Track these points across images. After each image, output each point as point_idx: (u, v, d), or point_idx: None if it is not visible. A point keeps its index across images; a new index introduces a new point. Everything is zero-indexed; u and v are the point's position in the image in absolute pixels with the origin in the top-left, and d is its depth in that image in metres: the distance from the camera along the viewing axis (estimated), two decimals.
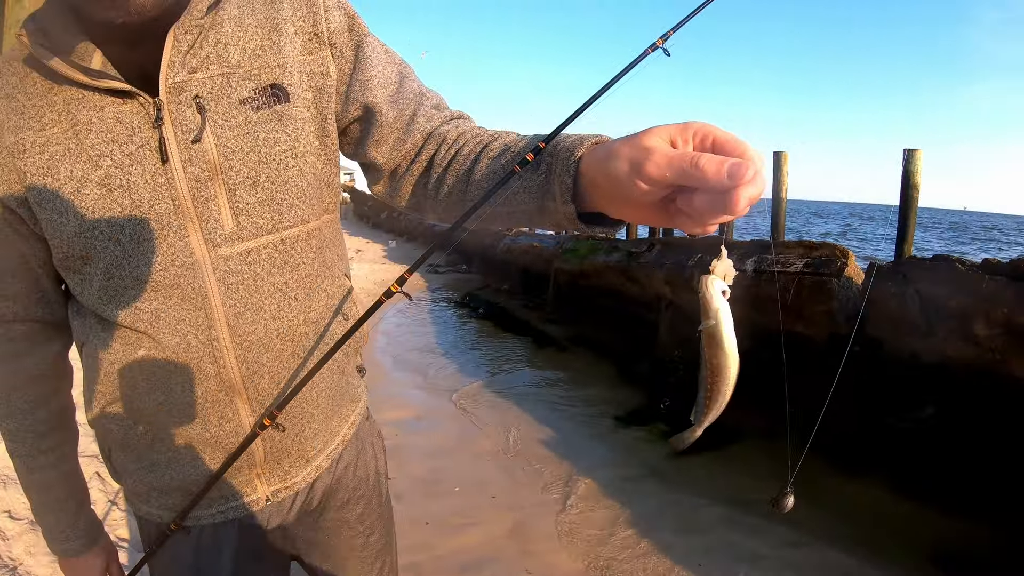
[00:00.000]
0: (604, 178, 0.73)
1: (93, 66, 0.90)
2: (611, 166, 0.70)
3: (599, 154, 0.75)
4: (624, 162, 0.67)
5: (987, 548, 3.57)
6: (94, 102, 0.91)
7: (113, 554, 1.31)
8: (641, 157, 0.64)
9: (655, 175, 0.63)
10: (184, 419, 1.04)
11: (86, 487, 1.25)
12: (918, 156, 7.72)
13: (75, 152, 0.91)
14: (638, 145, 0.65)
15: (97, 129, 0.91)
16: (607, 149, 0.72)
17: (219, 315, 0.99)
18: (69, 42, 0.91)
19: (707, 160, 0.59)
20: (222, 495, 1.12)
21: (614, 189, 0.71)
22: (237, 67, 0.96)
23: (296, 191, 1.02)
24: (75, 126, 0.91)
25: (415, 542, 3.57)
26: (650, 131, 0.66)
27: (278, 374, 1.07)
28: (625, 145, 0.68)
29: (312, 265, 1.09)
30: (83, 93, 0.91)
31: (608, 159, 0.71)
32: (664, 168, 0.62)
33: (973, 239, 41.11)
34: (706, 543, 3.68)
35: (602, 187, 0.74)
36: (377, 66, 1.06)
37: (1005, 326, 3.56)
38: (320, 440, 1.18)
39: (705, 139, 0.63)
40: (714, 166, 0.58)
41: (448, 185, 1.02)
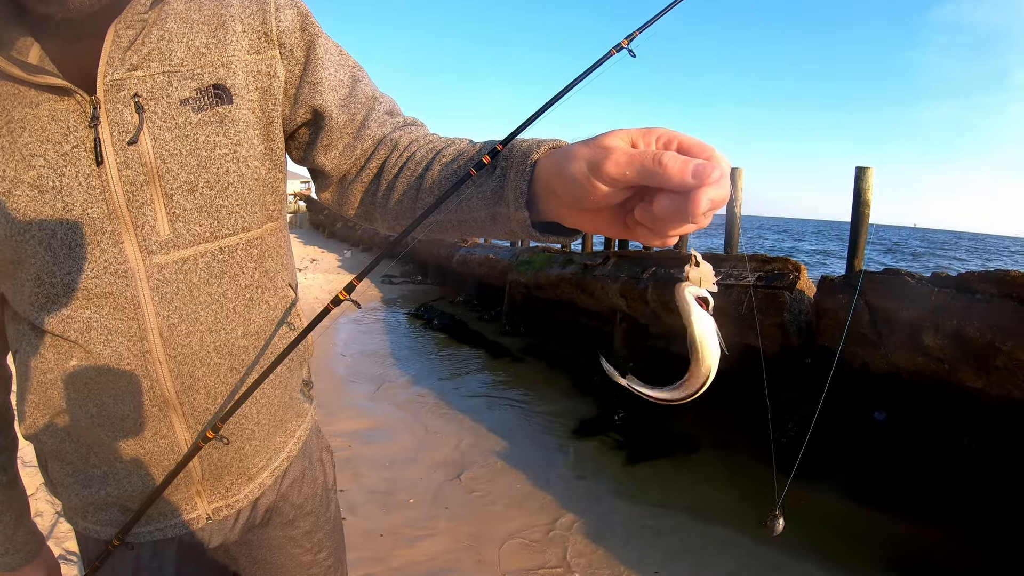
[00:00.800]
0: (560, 181, 0.70)
1: (30, 60, 0.85)
2: (568, 167, 0.67)
3: (556, 157, 0.72)
4: (582, 162, 0.64)
5: (943, 551, 3.66)
6: (30, 98, 0.85)
7: (55, 568, 1.25)
8: (600, 156, 0.62)
9: (614, 174, 0.60)
10: (117, 434, 0.99)
11: (26, 498, 1.19)
12: (869, 174, 7.90)
13: (8, 151, 0.85)
14: (597, 145, 0.63)
15: (32, 127, 0.85)
16: (564, 151, 0.70)
17: (152, 326, 0.95)
18: (7, 35, 0.85)
19: (671, 157, 0.56)
20: (161, 512, 1.07)
21: (570, 193, 0.68)
22: (180, 65, 0.91)
23: (236, 197, 0.98)
24: (9, 123, 0.85)
25: (369, 555, 3.54)
26: (611, 132, 0.64)
27: (215, 389, 1.02)
28: (584, 146, 0.66)
29: (252, 275, 1.04)
30: (19, 88, 0.85)
31: (565, 160, 0.68)
32: (624, 166, 0.59)
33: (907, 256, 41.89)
34: (663, 551, 3.70)
35: (558, 192, 0.71)
36: (329, 68, 1.03)
37: (954, 337, 3.67)
38: (262, 457, 1.14)
39: (669, 143, 0.61)
40: (678, 164, 0.56)
41: (398, 193, 0.99)
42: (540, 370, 7.53)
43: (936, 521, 3.86)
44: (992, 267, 30.11)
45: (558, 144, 0.77)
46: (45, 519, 3.15)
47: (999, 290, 3.57)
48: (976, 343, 3.56)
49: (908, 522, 3.90)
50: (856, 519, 3.98)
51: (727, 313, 5.09)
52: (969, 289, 3.71)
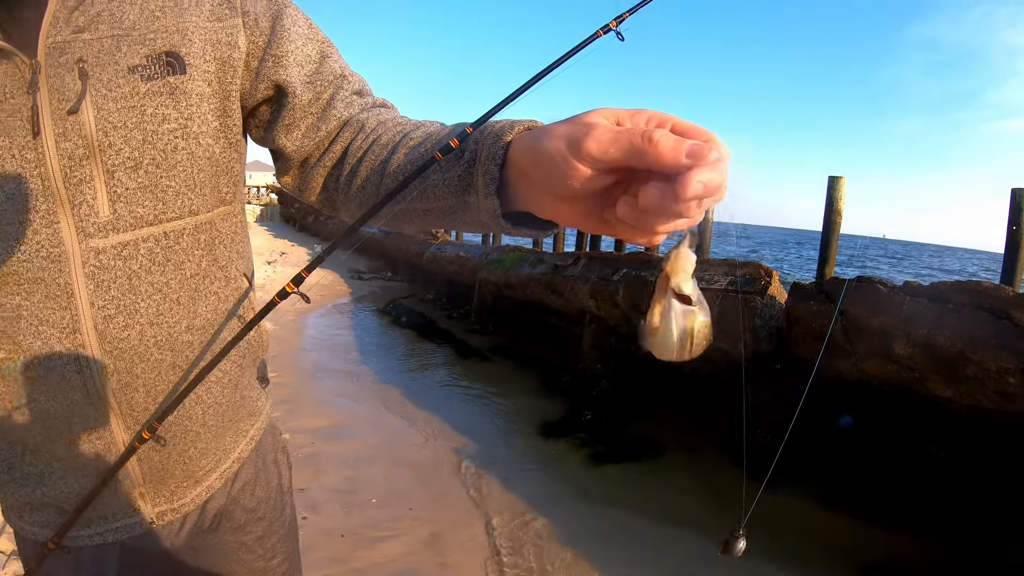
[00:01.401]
0: (534, 162, 0.63)
1: None
2: (544, 145, 0.59)
3: (530, 137, 0.65)
4: (560, 140, 0.57)
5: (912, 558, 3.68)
6: None
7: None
8: (580, 133, 0.54)
9: (595, 152, 0.53)
10: (52, 432, 0.93)
11: None
12: (842, 183, 8.00)
13: None
14: (578, 122, 0.56)
15: None
16: (540, 130, 0.63)
17: (85, 317, 0.88)
18: None
19: (663, 135, 0.49)
20: (101, 515, 1.01)
21: (546, 175, 0.60)
22: (131, 29, 0.84)
23: (185, 177, 0.91)
24: None
25: (330, 555, 3.49)
26: (596, 111, 0.56)
27: (155, 387, 0.95)
28: (562, 124, 0.58)
29: (199, 264, 0.97)
30: None
31: (541, 139, 0.61)
32: (607, 144, 0.52)
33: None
34: (630, 555, 3.69)
35: (532, 176, 0.64)
36: (296, 41, 0.96)
37: (924, 346, 3.69)
38: (210, 459, 1.08)
39: (662, 124, 0.53)
40: (671, 142, 0.49)
41: (361, 178, 0.92)
42: (508, 370, 7.52)
43: (905, 528, 3.89)
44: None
45: (534, 124, 0.70)
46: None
47: (971, 300, 3.60)
48: (946, 352, 3.57)
49: (876, 529, 3.92)
50: (825, 525, 4.00)
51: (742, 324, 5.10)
52: (941, 298, 3.74)
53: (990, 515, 3.68)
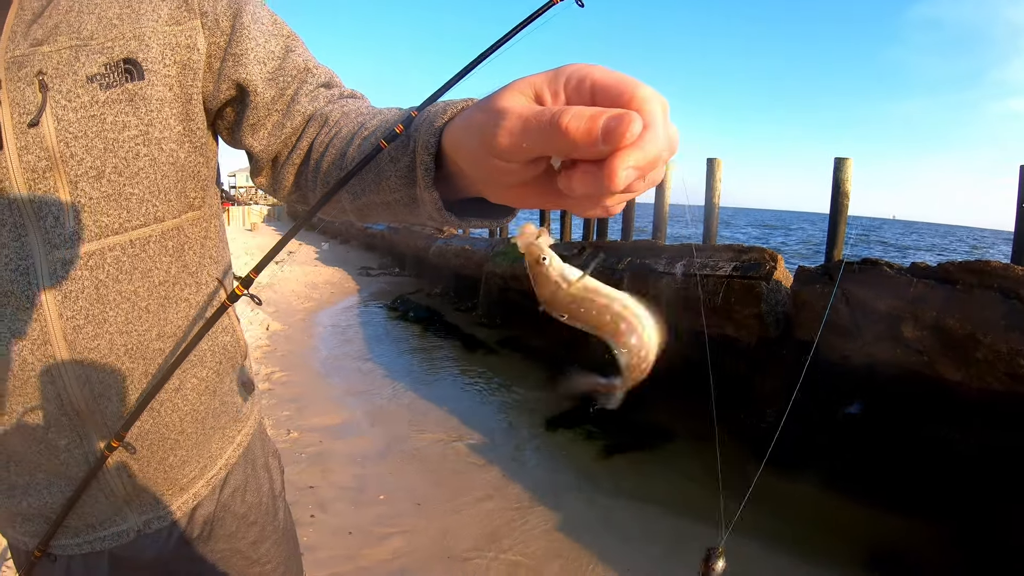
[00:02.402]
0: (463, 159, 0.58)
1: None
2: (466, 142, 0.55)
3: (457, 126, 0.60)
4: (476, 137, 0.51)
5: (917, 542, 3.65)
6: None
7: None
8: (492, 124, 0.48)
9: (508, 146, 0.47)
10: (31, 444, 0.92)
11: None
12: (848, 165, 7.94)
13: None
14: (490, 108, 0.49)
15: None
16: (463, 120, 0.58)
17: (55, 328, 0.87)
18: None
19: (572, 117, 0.42)
20: (88, 524, 1.01)
21: (473, 171, 0.56)
22: (89, 39, 0.82)
23: (148, 184, 0.89)
24: None
25: (338, 553, 3.49)
26: (510, 86, 0.49)
27: (128, 397, 0.94)
28: (478, 110, 0.53)
29: (168, 271, 0.96)
30: None
31: (464, 131, 0.57)
32: (518, 135, 0.46)
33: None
34: (636, 543, 3.67)
35: (465, 171, 0.60)
36: (256, 38, 0.92)
37: (933, 328, 3.65)
38: (193, 467, 1.07)
39: (581, 85, 0.46)
40: (583, 124, 0.41)
41: (323, 172, 0.90)
42: (515, 362, 7.51)
43: (913, 513, 3.84)
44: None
45: (467, 104, 0.64)
46: None
47: (980, 280, 3.54)
48: (956, 335, 3.53)
49: (885, 513, 3.88)
50: (830, 511, 3.97)
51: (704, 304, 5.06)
52: (949, 279, 3.69)
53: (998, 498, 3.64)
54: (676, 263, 5.40)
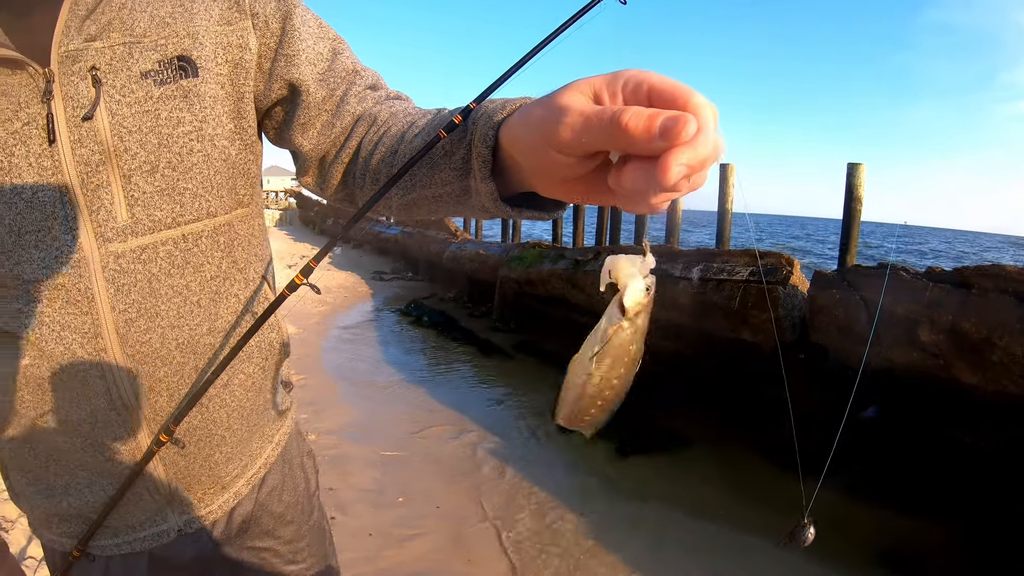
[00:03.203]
0: (518, 151, 0.63)
1: None
2: (524, 136, 0.59)
3: (514, 122, 0.64)
4: (535, 129, 0.56)
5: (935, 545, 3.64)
6: None
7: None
8: (553, 119, 0.52)
9: (569, 140, 0.51)
10: (76, 440, 0.93)
11: None
12: (861, 170, 7.93)
13: None
14: (551, 105, 0.54)
15: None
16: (522, 115, 0.62)
17: (107, 321, 0.87)
18: None
19: (633, 115, 0.46)
20: (128, 524, 1.01)
21: (531, 164, 0.61)
22: (142, 36, 0.84)
23: (201, 179, 0.91)
24: None
25: (358, 555, 3.50)
26: (569, 86, 0.54)
27: (179, 391, 0.95)
28: (537, 106, 0.57)
29: (219, 266, 0.97)
30: None
31: (522, 127, 0.61)
32: (580, 130, 0.50)
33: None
34: (655, 546, 3.68)
35: (520, 163, 0.64)
36: (307, 40, 0.95)
37: (949, 332, 3.64)
38: (236, 465, 1.07)
39: (639, 88, 0.50)
40: (642, 122, 0.45)
41: (373, 170, 0.91)
42: (531, 366, 7.49)
43: (929, 516, 3.84)
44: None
45: (525, 101, 0.67)
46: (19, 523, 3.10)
47: (995, 285, 3.55)
48: (972, 338, 3.53)
49: (901, 517, 3.88)
50: (849, 514, 3.96)
51: (718, 307, 5.07)
52: (965, 283, 3.69)
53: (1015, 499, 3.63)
54: (693, 268, 5.41)
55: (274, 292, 1.12)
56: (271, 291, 1.11)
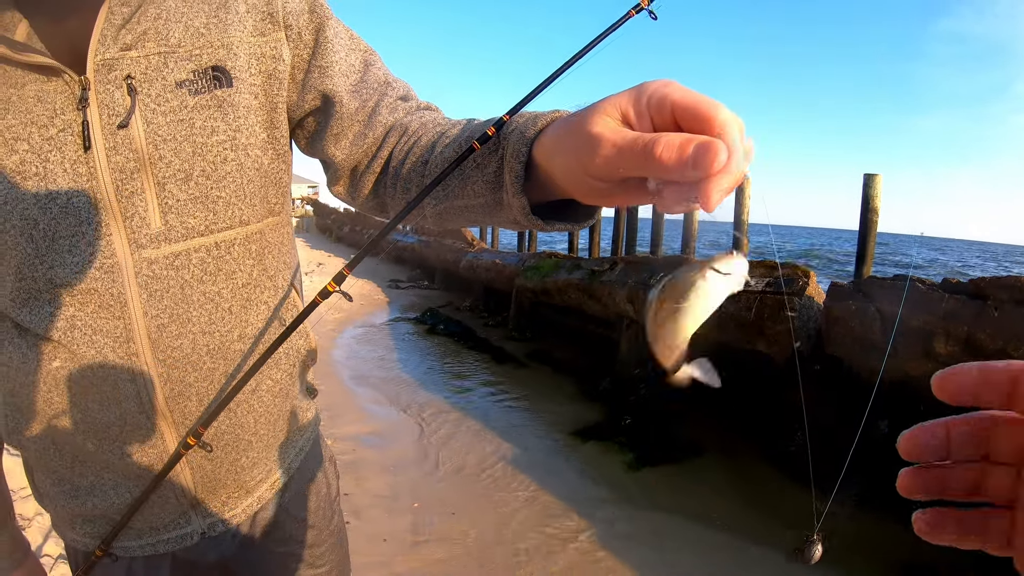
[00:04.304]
0: (555, 171, 0.64)
1: (17, 38, 0.80)
2: (559, 160, 0.61)
3: (548, 144, 0.65)
4: (571, 157, 0.58)
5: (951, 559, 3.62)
6: (15, 78, 0.80)
7: (40, 574, 1.18)
8: (587, 150, 0.54)
9: (604, 170, 0.54)
10: (103, 443, 0.94)
11: (10, 502, 1.13)
12: (877, 181, 7.90)
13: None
14: (583, 134, 0.55)
15: (16, 109, 0.80)
16: (556, 137, 0.63)
17: (139, 326, 0.89)
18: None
19: (664, 147, 0.47)
20: (152, 526, 1.02)
21: (570, 183, 0.62)
22: (177, 46, 0.86)
23: (235, 188, 0.92)
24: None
25: (372, 560, 3.52)
26: (598, 110, 0.55)
27: (208, 396, 0.96)
28: (569, 134, 0.59)
29: (250, 273, 0.98)
30: (3, 68, 0.80)
31: (557, 150, 0.62)
32: (615, 162, 0.52)
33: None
34: (667, 556, 3.67)
35: (557, 179, 0.65)
36: (339, 52, 0.97)
37: (965, 343, 3.63)
38: (261, 469, 1.09)
39: (663, 105, 0.50)
40: (674, 154, 0.47)
41: (403, 178, 0.92)
42: (546, 375, 7.49)
43: None
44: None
45: (556, 116, 0.69)
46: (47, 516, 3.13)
47: (1011, 296, 3.53)
48: (987, 350, 3.51)
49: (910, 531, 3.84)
50: (864, 528, 3.93)
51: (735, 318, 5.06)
52: (981, 295, 3.68)
53: None
54: None
55: (302, 299, 1.13)
56: (299, 298, 1.12)
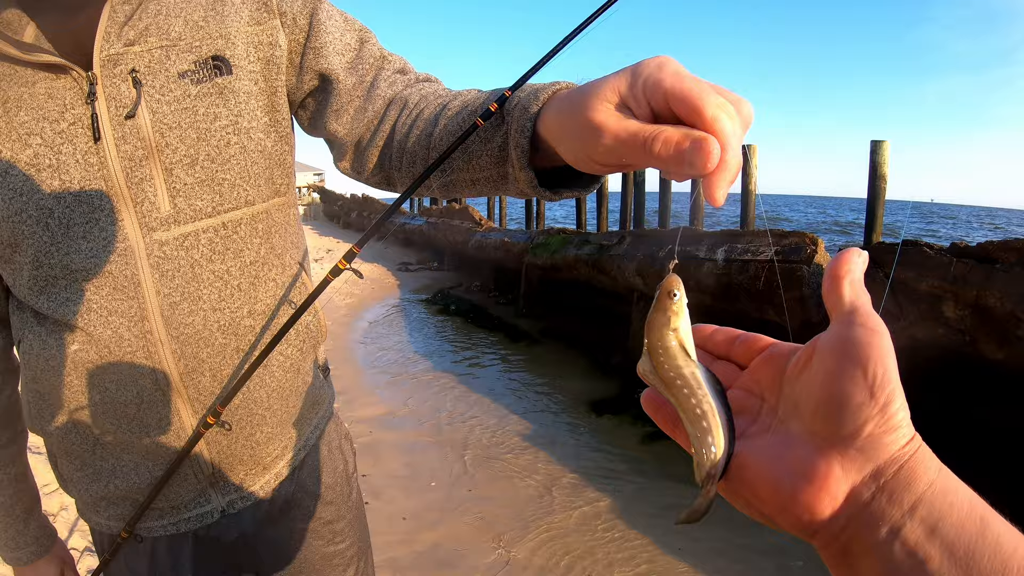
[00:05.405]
0: (559, 148, 0.65)
1: (25, 39, 0.85)
2: (566, 147, 0.62)
3: (552, 125, 0.66)
4: (576, 142, 0.59)
5: None
6: (25, 77, 0.85)
7: (68, 562, 1.23)
8: (591, 138, 0.55)
9: (605, 157, 0.56)
10: (122, 422, 0.97)
11: (36, 491, 1.18)
12: (885, 147, 7.84)
13: (4, 131, 0.85)
14: (585, 121, 0.56)
15: (28, 106, 0.85)
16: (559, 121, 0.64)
17: (152, 305, 0.93)
18: (1, 14, 0.86)
19: (663, 144, 0.48)
20: (172, 506, 1.05)
21: (578, 164, 0.62)
22: (178, 39, 0.90)
23: (239, 170, 0.96)
24: (4, 103, 0.85)
25: (393, 539, 3.56)
26: (598, 93, 0.55)
27: (221, 371, 1.00)
28: (572, 119, 0.59)
29: (258, 252, 1.02)
30: (14, 68, 0.85)
31: (561, 138, 0.63)
32: (618, 152, 0.53)
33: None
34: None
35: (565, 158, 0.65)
36: (333, 32, 1.00)
37: (974, 307, 3.62)
38: (276, 445, 1.11)
39: (656, 92, 0.50)
40: (671, 151, 0.47)
41: (409, 152, 0.93)
42: (559, 351, 7.52)
43: None
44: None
45: (558, 90, 0.70)
46: (71, 511, 3.19)
47: (1019, 258, 3.52)
48: (997, 313, 3.51)
49: None
50: None
51: (743, 288, 5.06)
52: (989, 259, 3.66)
53: None
54: (717, 249, 5.40)
55: (310, 277, 1.16)
56: (307, 276, 1.15)
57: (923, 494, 0.38)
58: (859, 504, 0.40)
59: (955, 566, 0.35)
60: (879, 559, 0.38)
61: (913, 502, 0.38)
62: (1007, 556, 0.35)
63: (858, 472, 0.40)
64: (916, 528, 0.37)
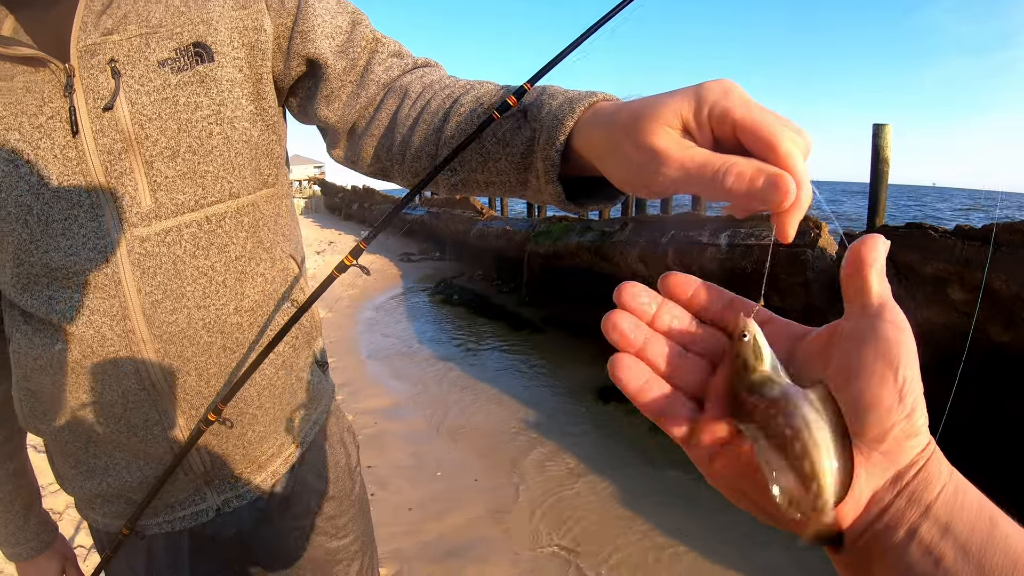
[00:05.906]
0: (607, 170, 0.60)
1: (3, 32, 0.83)
2: (613, 168, 0.58)
3: (597, 143, 0.62)
4: (630, 169, 0.55)
5: None
6: (4, 71, 0.83)
7: (70, 558, 1.23)
8: (650, 165, 0.52)
9: (664, 187, 0.51)
10: (110, 422, 0.95)
11: (36, 487, 1.17)
12: (887, 130, 7.79)
13: None
14: (644, 147, 0.52)
15: (6, 100, 0.82)
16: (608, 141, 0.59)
17: (134, 304, 0.90)
18: None
19: (736, 178, 0.45)
20: (167, 504, 1.04)
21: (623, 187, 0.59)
22: (158, 26, 0.87)
23: (223, 161, 0.93)
24: None
25: (399, 529, 3.56)
26: (656, 116, 0.51)
27: (207, 370, 0.97)
28: (627, 140, 0.55)
29: (244, 246, 0.98)
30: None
31: (607, 156, 0.59)
32: (680, 182, 0.50)
33: None
34: (688, 515, 3.69)
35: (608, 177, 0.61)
36: (322, 15, 0.95)
37: (979, 290, 3.59)
38: (271, 443, 1.09)
39: (723, 120, 0.48)
40: (744, 186, 0.45)
41: (415, 147, 0.87)
42: (562, 339, 7.50)
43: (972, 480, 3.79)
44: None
45: (596, 102, 0.65)
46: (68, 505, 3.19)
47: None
48: (1003, 295, 3.48)
49: None
50: None
51: (746, 272, 5.03)
52: (994, 241, 3.63)
53: None
54: (720, 234, 5.37)
55: (303, 271, 1.14)
56: (299, 270, 1.12)
57: (938, 495, 0.39)
58: (880, 508, 0.39)
59: (969, 564, 0.36)
60: (894, 561, 0.38)
61: (929, 503, 0.38)
62: (1016, 554, 0.36)
63: (881, 476, 0.39)
64: (931, 528, 0.38)
